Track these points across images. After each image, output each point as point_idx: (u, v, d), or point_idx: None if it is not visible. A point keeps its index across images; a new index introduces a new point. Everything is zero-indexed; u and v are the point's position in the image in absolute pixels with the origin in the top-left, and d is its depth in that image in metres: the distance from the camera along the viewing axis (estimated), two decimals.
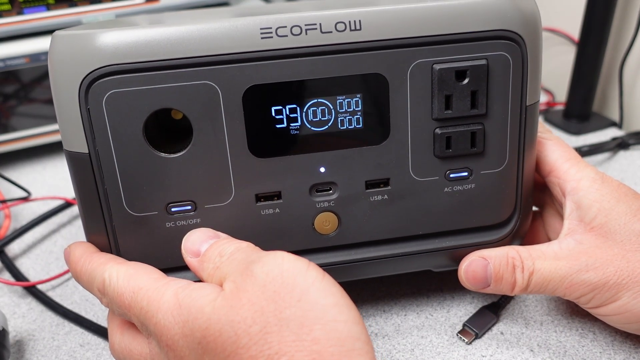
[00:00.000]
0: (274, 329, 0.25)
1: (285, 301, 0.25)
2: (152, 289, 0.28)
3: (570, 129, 0.63)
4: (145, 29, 0.29)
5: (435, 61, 0.31)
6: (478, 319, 0.37)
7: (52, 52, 0.30)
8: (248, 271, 0.27)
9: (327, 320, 0.25)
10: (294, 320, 0.25)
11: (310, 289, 0.26)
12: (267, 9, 0.42)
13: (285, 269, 0.26)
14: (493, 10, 0.31)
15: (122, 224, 0.32)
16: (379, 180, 0.33)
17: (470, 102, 0.32)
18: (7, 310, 0.42)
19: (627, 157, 0.58)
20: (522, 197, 0.35)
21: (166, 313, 0.27)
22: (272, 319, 0.25)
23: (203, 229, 0.31)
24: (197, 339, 0.26)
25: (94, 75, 0.29)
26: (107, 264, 0.31)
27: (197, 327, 0.26)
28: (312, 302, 0.25)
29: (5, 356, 0.34)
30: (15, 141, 0.60)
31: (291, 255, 0.27)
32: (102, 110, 0.29)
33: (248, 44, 0.29)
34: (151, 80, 0.29)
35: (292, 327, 0.25)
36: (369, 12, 0.30)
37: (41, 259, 0.47)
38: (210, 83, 0.29)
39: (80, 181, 0.31)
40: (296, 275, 0.26)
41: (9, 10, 0.56)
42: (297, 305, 0.25)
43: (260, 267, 0.26)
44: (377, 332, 0.37)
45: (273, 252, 0.27)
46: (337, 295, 0.26)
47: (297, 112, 0.31)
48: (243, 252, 0.28)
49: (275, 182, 0.32)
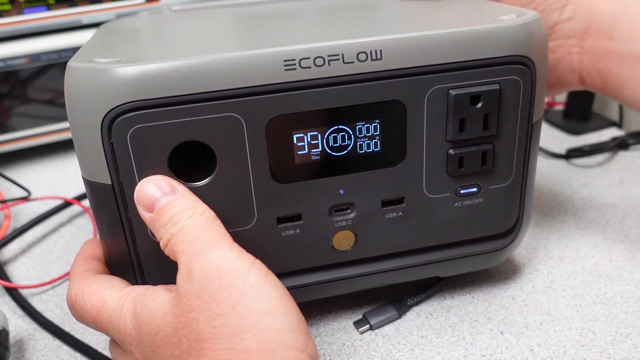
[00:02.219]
0: (208, 336, 0.25)
1: (220, 307, 0.25)
2: (114, 301, 0.30)
3: (570, 129, 0.64)
4: (167, 63, 0.28)
5: (451, 87, 0.32)
6: (378, 312, 0.39)
7: (70, 86, 0.29)
8: (188, 270, 0.26)
9: (259, 328, 0.24)
10: (227, 327, 0.25)
11: (248, 294, 0.25)
12: (268, 8, 0.41)
13: (224, 271, 0.26)
14: (507, 37, 0.32)
15: (147, 250, 0.32)
16: (394, 199, 0.34)
17: (482, 125, 0.33)
18: (8, 310, 0.42)
19: (627, 157, 0.59)
20: (524, 206, 0.37)
21: (126, 319, 0.29)
22: (206, 326, 0.25)
23: (159, 177, 0.30)
24: (149, 343, 0.27)
25: (117, 111, 0.28)
26: (75, 279, 0.32)
27: (148, 333, 0.27)
28: (247, 309, 0.25)
29: (6, 356, 0.35)
30: (15, 141, 0.59)
31: (234, 253, 0.26)
32: (126, 145, 0.29)
33: (272, 76, 0.29)
34: (176, 114, 0.29)
35: (225, 335, 0.25)
36: (388, 41, 0.30)
37: (41, 259, 0.47)
38: (234, 115, 0.30)
39: (102, 210, 0.31)
40: (235, 279, 0.25)
41: (9, 10, 0.55)
42: (232, 312, 0.25)
43: (199, 267, 0.26)
44: (377, 332, 0.38)
45: (216, 248, 0.27)
46: (276, 301, 0.25)
47: (318, 138, 0.32)
48: (193, 230, 0.28)
49: (296, 205, 0.33)
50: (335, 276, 0.36)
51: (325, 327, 0.39)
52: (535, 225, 0.49)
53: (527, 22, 0.32)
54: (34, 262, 0.47)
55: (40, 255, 0.48)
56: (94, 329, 0.32)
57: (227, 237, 0.28)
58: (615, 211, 0.51)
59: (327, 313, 0.40)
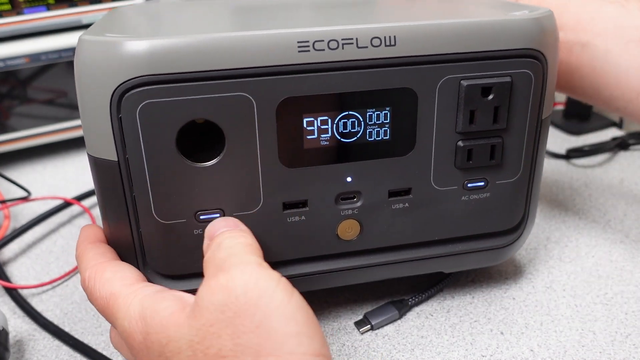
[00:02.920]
0: (229, 353, 0.24)
1: (244, 325, 0.24)
2: (122, 296, 0.29)
3: (570, 129, 0.64)
4: (180, 38, 0.28)
5: (463, 77, 0.32)
6: (379, 312, 0.39)
7: (80, 59, 0.29)
8: (214, 283, 0.26)
9: (283, 352, 0.24)
10: (250, 347, 0.24)
11: (273, 315, 0.24)
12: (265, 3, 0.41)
13: (250, 288, 0.25)
14: (520, 30, 0.32)
15: (150, 231, 0.32)
16: (402, 190, 0.34)
17: (492, 117, 0.33)
18: (7, 311, 0.41)
19: (627, 157, 0.59)
20: (530, 204, 0.37)
21: (131, 320, 0.28)
22: (228, 343, 0.24)
23: (228, 218, 0.31)
24: (157, 352, 0.26)
25: (127, 85, 0.28)
26: (90, 263, 0.31)
27: (157, 342, 0.26)
28: (272, 330, 0.24)
29: (6, 356, 0.34)
30: (15, 141, 0.59)
31: (261, 271, 0.26)
32: (135, 120, 0.29)
33: (285, 57, 0.29)
34: (186, 91, 0.29)
35: (247, 355, 0.24)
36: (403, 28, 0.30)
37: (41, 259, 0.47)
38: (245, 95, 0.29)
39: (106, 187, 0.31)
40: (261, 297, 0.25)
41: (9, 10, 0.55)
42: (256, 331, 0.24)
43: (225, 281, 0.26)
44: (377, 332, 0.38)
45: (244, 265, 0.26)
46: (300, 323, 0.25)
47: (328, 123, 0.31)
48: (227, 247, 0.28)
49: (303, 191, 0.32)
50: (338, 266, 0.35)
51: (325, 327, 0.39)
52: (536, 225, 0.49)
53: (540, 17, 0.32)
54: (34, 262, 0.46)
55: (40, 255, 0.47)
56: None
57: (257, 255, 0.28)
58: (615, 211, 0.51)
59: (327, 313, 0.40)
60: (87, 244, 0.33)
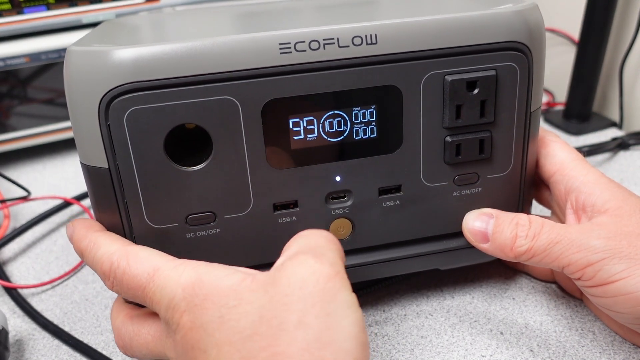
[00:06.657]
0: (290, 328, 0.24)
1: (315, 307, 0.24)
2: (169, 268, 0.28)
3: (570, 129, 0.63)
4: (164, 45, 0.29)
5: (447, 72, 0.32)
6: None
7: (68, 68, 0.30)
8: (302, 257, 0.26)
9: (339, 348, 0.24)
10: (313, 328, 0.24)
11: (347, 315, 0.24)
12: (269, 7, 0.42)
13: (333, 279, 0.25)
14: (502, 23, 0.32)
15: (143, 236, 0.32)
16: (392, 187, 0.34)
17: (479, 111, 0.33)
18: (7, 310, 0.42)
19: (627, 157, 0.58)
20: (523, 198, 0.37)
21: (186, 287, 0.26)
22: (294, 317, 0.24)
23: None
24: (216, 315, 0.25)
25: (114, 93, 0.29)
26: (111, 248, 0.30)
27: (221, 304, 0.25)
28: (337, 326, 0.24)
29: (6, 356, 0.34)
30: (15, 141, 0.59)
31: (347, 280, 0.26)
32: (123, 127, 0.29)
33: (267, 59, 0.30)
34: (172, 96, 0.29)
35: (308, 335, 0.23)
36: (384, 26, 0.30)
37: (41, 259, 0.47)
38: (230, 98, 0.30)
39: (99, 194, 0.32)
40: (341, 292, 0.25)
41: (9, 9, 0.55)
42: (325, 317, 0.24)
43: (314, 262, 0.25)
44: (377, 332, 0.38)
45: (336, 260, 0.26)
46: (361, 335, 0.25)
47: (314, 124, 0.32)
48: (326, 245, 0.27)
49: (292, 192, 0.33)
50: None
51: None
52: None
53: (524, 9, 0.32)
54: (34, 261, 0.47)
55: (39, 255, 0.48)
56: (132, 299, 0.30)
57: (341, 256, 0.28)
58: None
59: None
60: (92, 232, 0.32)
